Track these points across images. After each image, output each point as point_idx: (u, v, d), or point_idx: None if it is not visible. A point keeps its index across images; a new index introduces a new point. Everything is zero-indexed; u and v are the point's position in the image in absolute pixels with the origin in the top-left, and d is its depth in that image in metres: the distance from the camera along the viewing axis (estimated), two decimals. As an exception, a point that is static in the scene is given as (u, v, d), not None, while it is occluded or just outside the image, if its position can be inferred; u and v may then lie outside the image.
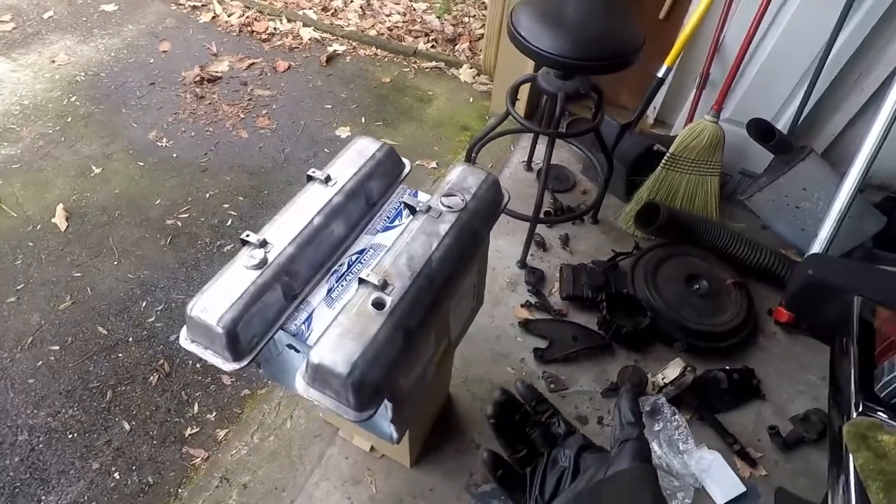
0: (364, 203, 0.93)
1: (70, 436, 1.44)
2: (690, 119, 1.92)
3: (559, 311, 1.67)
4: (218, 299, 0.74)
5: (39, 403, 1.49)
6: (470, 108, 2.58)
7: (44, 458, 1.39)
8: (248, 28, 2.93)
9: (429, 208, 0.85)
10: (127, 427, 1.46)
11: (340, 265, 0.87)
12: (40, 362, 1.57)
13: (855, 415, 0.94)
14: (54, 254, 1.84)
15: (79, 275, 1.79)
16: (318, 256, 0.85)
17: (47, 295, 1.72)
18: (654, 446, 1.41)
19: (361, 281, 0.75)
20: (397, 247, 0.80)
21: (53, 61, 2.59)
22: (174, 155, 2.22)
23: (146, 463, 1.40)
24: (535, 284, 1.73)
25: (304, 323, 0.79)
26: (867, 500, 0.80)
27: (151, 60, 2.66)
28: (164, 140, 2.27)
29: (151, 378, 1.55)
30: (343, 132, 2.39)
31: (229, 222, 1.99)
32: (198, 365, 1.59)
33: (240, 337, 0.73)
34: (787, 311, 1.58)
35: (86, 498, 1.34)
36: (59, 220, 1.93)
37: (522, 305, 1.69)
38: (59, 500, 1.33)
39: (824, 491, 1.20)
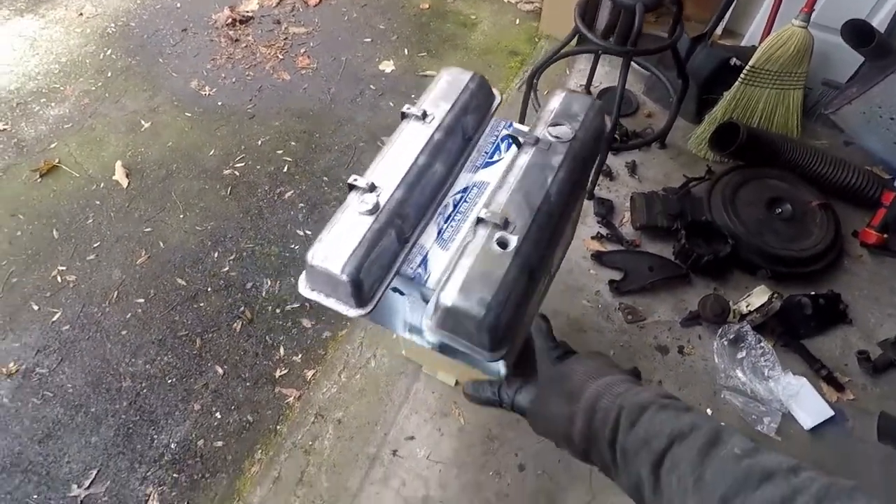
0: (461, 139, 0.89)
1: (169, 381, 1.51)
2: (770, 26, 1.76)
3: (631, 242, 1.64)
4: (337, 247, 0.72)
5: (136, 352, 1.56)
6: (517, 31, 2.43)
7: (149, 402, 1.48)
8: (275, -40, 2.77)
9: (537, 140, 0.80)
10: (220, 371, 1.53)
11: (445, 206, 0.84)
12: (129, 314, 1.63)
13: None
14: (122, 210, 1.87)
15: (149, 229, 1.82)
16: (424, 198, 0.82)
17: (123, 251, 1.77)
18: (738, 373, 1.40)
19: (480, 220, 0.73)
20: (510, 182, 0.77)
21: (81, 14, 2.52)
22: (219, 103, 2.18)
23: (243, 403, 1.48)
24: (604, 216, 1.68)
25: (419, 266, 0.78)
26: None
27: (178, 5, 2.56)
28: (207, 88, 2.23)
29: (235, 325, 1.60)
30: (387, 66, 2.29)
31: (285, 168, 1.97)
32: (277, 310, 1.63)
33: (363, 284, 0.73)
34: (881, 234, 1.51)
35: (193, 435, 1.42)
36: (120, 177, 1.95)
37: (593, 238, 1.65)
38: (169, 438, 1.42)
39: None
